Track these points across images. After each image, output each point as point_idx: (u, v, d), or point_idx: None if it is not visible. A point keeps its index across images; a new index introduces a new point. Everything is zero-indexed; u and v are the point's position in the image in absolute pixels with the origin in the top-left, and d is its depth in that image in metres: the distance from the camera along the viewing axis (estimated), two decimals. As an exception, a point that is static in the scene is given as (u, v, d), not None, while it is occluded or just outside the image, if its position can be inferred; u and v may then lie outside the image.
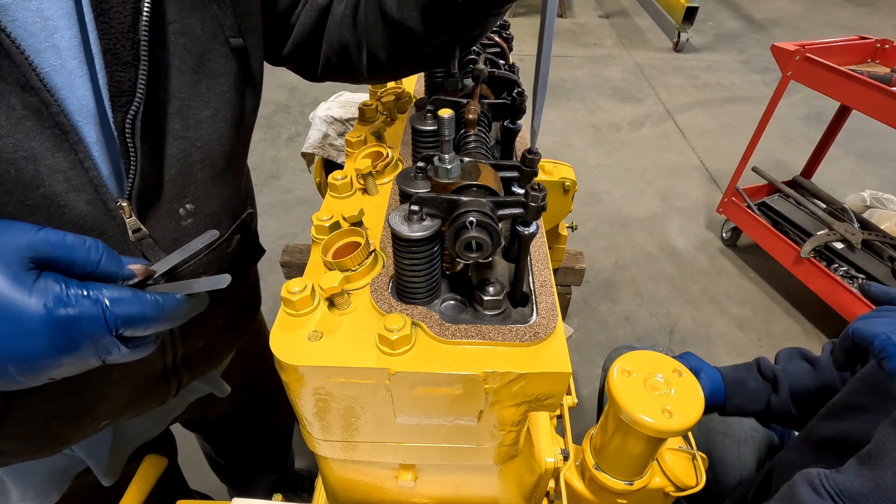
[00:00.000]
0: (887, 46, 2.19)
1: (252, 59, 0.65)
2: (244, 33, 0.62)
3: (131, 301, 0.42)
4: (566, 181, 1.23)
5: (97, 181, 0.51)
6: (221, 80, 0.61)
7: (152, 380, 0.72)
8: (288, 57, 0.76)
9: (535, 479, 0.78)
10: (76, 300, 0.39)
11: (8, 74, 0.43)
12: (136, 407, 0.74)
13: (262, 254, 0.89)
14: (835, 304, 2.08)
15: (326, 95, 1.73)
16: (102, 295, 0.40)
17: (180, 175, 0.60)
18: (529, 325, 0.53)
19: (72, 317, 0.39)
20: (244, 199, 0.76)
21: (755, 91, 4.15)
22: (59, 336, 0.39)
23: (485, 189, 0.52)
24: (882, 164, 3.28)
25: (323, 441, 0.60)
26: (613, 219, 2.84)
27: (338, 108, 1.65)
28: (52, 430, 0.65)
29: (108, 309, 0.40)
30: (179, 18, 0.55)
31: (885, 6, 5.91)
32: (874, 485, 0.53)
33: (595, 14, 5.71)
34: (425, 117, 0.70)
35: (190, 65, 0.57)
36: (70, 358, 0.41)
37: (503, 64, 0.85)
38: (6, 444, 0.64)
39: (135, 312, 0.42)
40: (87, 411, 0.66)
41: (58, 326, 0.38)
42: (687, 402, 0.71)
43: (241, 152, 0.71)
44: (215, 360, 0.84)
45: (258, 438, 1.31)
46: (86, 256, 0.41)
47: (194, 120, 0.59)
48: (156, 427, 0.89)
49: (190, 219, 0.62)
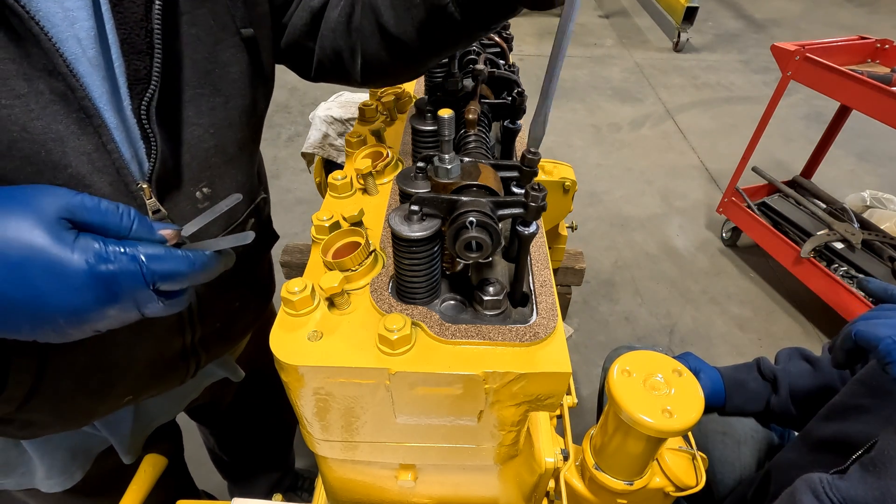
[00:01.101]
0: (887, 46, 2.19)
1: (262, 50, 0.67)
2: (254, 24, 0.64)
3: (165, 257, 0.44)
4: (566, 181, 1.23)
5: (119, 163, 0.54)
6: (232, 69, 0.63)
7: (172, 359, 0.74)
8: (282, 55, 0.77)
9: (535, 479, 0.78)
10: (115, 257, 0.41)
11: (37, 60, 0.46)
12: (156, 385, 0.77)
13: (276, 240, 0.91)
14: (835, 304, 2.08)
15: (326, 95, 1.73)
16: (139, 252, 0.42)
17: (195, 160, 0.62)
18: (529, 325, 0.53)
19: (112, 272, 0.41)
20: (257, 184, 0.78)
21: (755, 91, 4.15)
22: (102, 290, 0.41)
23: (485, 189, 0.52)
24: (882, 164, 3.28)
25: (323, 441, 0.60)
26: (613, 219, 2.84)
27: (338, 108, 1.65)
28: (78, 403, 0.68)
29: (144, 264, 0.42)
30: (191, 9, 0.57)
31: (885, 6, 5.91)
32: (879, 493, 0.53)
33: (595, 14, 5.71)
34: (425, 117, 0.70)
35: (202, 54, 0.59)
36: (113, 310, 0.43)
37: (503, 64, 0.85)
38: (36, 415, 0.67)
39: (169, 267, 0.44)
40: (111, 387, 0.70)
41: (100, 281, 0.41)
42: (687, 402, 0.71)
43: (253, 139, 0.73)
44: (231, 341, 0.87)
45: (262, 433, 1.32)
46: (118, 222, 0.43)
47: (207, 107, 0.61)
48: (173, 409, 0.93)
49: (207, 202, 0.64)
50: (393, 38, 0.64)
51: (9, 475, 0.77)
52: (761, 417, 1.01)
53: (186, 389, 0.89)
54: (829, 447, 0.77)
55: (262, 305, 0.94)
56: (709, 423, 1.13)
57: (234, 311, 0.81)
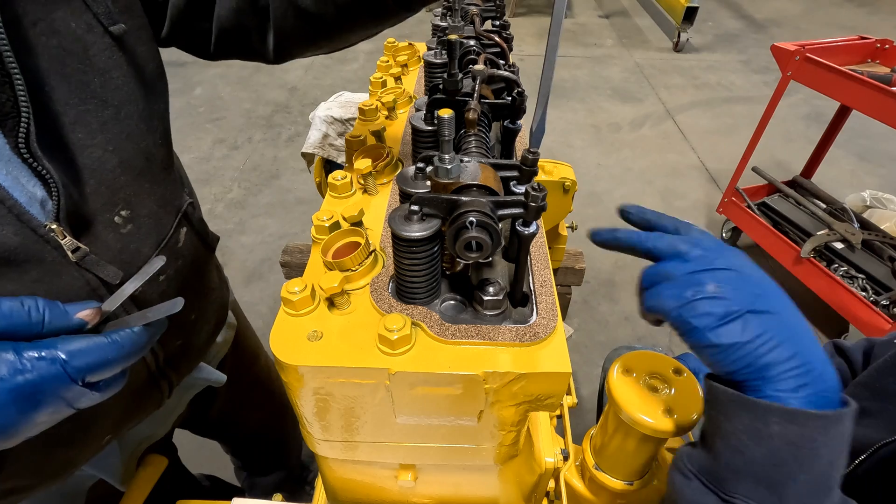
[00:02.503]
0: (887, 46, 2.19)
1: (140, 44, 0.60)
2: (123, 17, 0.57)
3: (89, 350, 0.40)
4: (566, 181, 1.23)
5: (18, 210, 0.48)
6: (113, 74, 0.56)
7: (142, 388, 0.71)
8: (168, 40, 0.70)
9: (535, 479, 0.78)
10: (31, 364, 0.38)
11: None
12: (134, 417, 0.74)
13: (217, 240, 0.85)
14: (835, 303, 2.08)
15: (326, 95, 1.73)
16: (57, 351, 0.39)
17: (102, 184, 0.56)
18: (529, 325, 0.53)
19: (32, 381, 0.38)
20: (180, 190, 0.72)
21: (755, 91, 4.15)
22: (25, 402, 0.38)
23: (485, 189, 0.52)
24: (882, 164, 3.28)
25: (323, 441, 0.60)
26: (613, 219, 2.82)
27: (338, 108, 1.65)
28: (56, 456, 0.64)
29: (66, 364, 0.39)
30: (45, 15, 0.49)
31: (886, 6, 5.91)
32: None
33: (595, 14, 5.71)
34: (425, 117, 0.70)
35: (74, 66, 0.52)
36: (43, 416, 0.40)
37: (503, 64, 0.85)
38: (15, 481, 0.62)
39: (95, 358, 0.41)
40: (86, 432, 0.66)
41: (20, 394, 0.37)
42: (687, 402, 0.71)
43: (162, 143, 0.66)
44: (198, 353, 0.84)
45: (262, 432, 1.32)
46: (28, 320, 0.39)
47: (97, 123, 0.55)
48: (160, 429, 0.89)
49: (129, 224, 0.60)
50: (312, 16, 0.61)
51: None
52: None
53: (168, 408, 0.86)
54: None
55: (221, 310, 0.90)
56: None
57: (192, 323, 0.78)
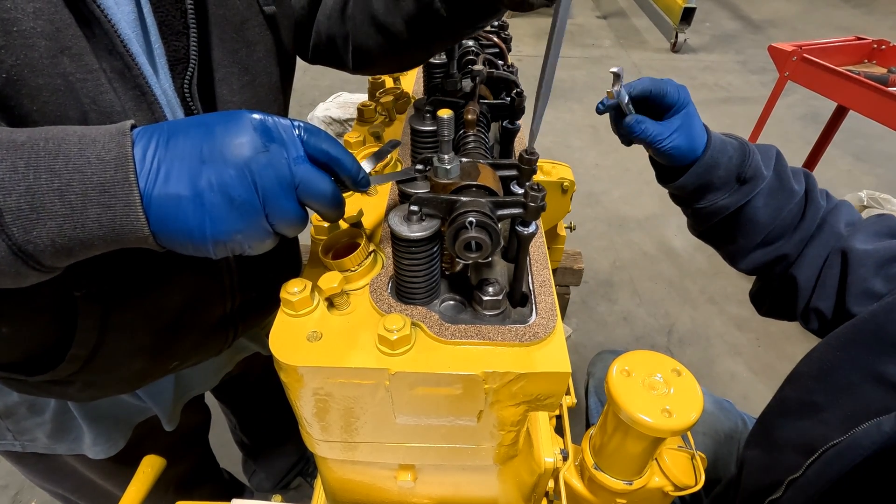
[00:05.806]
0: (884, 47, 2.20)
1: (283, 28, 0.69)
2: (275, 1, 0.66)
3: (329, 139, 0.48)
4: (564, 181, 1.23)
5: None
6: (258, 48, 0.65)
7: (214, 326, 0.80)
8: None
9: (535, 479, 0.78)
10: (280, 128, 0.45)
11: (101, 41, 0.49)
12: (199, 352, 0.83)
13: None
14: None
15: (325, 96, 1.73)
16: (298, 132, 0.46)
17: None
18: (529, 325, 0.53)
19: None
20: None
21: (752, 91, 4.16)
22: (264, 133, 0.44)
23: (484, 189, 0.52)
24: (879, 164, 3.29)
25: (322, 441, 0.60)
26: (612, 219, 2.84)
27: (336, 108, 1.65)
28: (134, 365, 0.73)
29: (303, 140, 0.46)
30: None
31: (882, 7, 5.93)
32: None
33: (593, 14, 5.72)
34: (424, 118, 0.70)
35: (230, 34, 0.62)
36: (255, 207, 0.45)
37: (502, 64, 0.85)
38: (97, 376, 0.71)
39: (332, 150, 0.47)
40: (163, 350, 0.75)
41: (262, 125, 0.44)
42: (686, 401, 0.71)
43: (279, 114, 0.76)
44: (263, 313, 0.91)
45: (282, 412, 1.35)
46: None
47: (238, 86, 0.64)
48: (210, 379, 0.99)
49: None
50: (382, 27, 0.66)
51: (62, 440, 0.81)
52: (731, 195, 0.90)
53: (222, 361, 0.97)
54: (793, 448, 0.72)
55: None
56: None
57: (268, 280, 0.84)
